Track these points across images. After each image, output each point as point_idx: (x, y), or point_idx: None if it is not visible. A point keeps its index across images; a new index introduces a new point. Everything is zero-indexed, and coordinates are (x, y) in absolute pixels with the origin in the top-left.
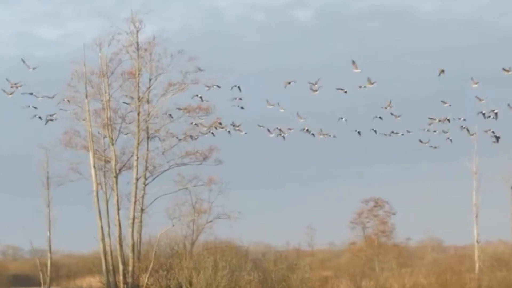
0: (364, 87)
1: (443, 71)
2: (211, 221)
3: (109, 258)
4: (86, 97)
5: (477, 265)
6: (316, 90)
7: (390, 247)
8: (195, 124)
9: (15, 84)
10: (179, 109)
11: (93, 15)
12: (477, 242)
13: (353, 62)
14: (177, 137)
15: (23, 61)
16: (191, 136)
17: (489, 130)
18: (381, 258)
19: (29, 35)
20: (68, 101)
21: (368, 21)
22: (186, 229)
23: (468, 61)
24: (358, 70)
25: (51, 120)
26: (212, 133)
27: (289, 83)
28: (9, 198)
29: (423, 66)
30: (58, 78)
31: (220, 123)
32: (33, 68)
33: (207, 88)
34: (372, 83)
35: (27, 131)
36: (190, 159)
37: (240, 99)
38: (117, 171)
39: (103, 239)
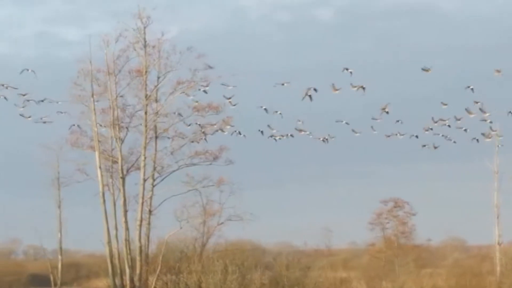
0: (357, 88)
1: (427, 69)
2: (222, 223)
3: (116, 261)
4: (92, 95)
5: (498, 268)
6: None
7: (410, 248)
8: (189, 125)
9: (3, 85)
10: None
11: (116, 16)
12: (498, 244)
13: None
14: (182, 137)
15: (26, 69)
16: (196, 140)
17: (493, 131)
18: (400, 260)
19: (52, 35)
20: (58, 102)
21: (389, 20)
22: (195, 232)
23: (489, 60)
24: (351, 70)
25: (45, 122)
26: (205, 139)
27: (283, 84)
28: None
29: (441, 65)
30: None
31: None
32: (32, 70)
33: (200, 90)
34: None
35: (24, 130)
36: (199, 159)
37: (230, 98)
38: (124, 172)
39: (109, 242)
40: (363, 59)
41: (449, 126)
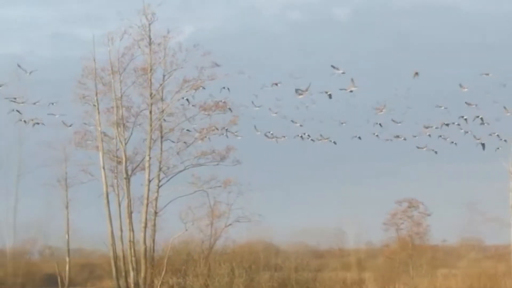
0: (350, 90)
1: (417, 73)
2: (230, 225)
3: (121, 264)
4: (96, 94)
5: None
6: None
7: (425, 248)
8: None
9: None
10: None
11: (132, 15)
12: None
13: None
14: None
15: (19, 66)
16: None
17: (494, 133)
18: (415, 261)
19: (66, 36)
20: (52, 103)
21: (408, 18)
22: (202, 234)
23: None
24: (341, 71)
25: (38, 123)
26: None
27: (276, 84)
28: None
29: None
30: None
31: (217, 128)
32: (30, 72)
33: (193, 91)
34: (355, 87)
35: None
36: (206, 159)
37: (224, 102)
38: (129, 173)
39: (113, 243)
40: (378, 58)
41: (462, 129)
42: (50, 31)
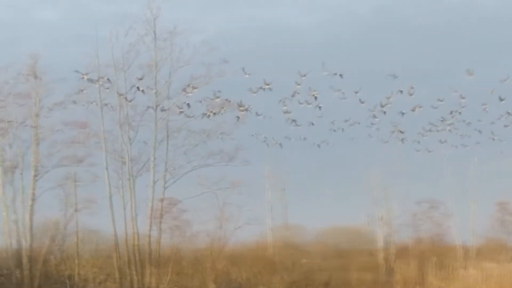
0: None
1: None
2: (239, 227)
3: (125, 268)
4: (99, 92)
5: None
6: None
7: (447, 249)
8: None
9: None
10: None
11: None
12: None
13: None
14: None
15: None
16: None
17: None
18: (436, 262)
19: (89, 36)
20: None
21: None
22: (210, 236)
23: None
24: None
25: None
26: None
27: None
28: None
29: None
30: None
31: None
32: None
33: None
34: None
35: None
36: (214, 159)
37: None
38: (134, 173)
39: (116, 246)
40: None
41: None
42: (75, 31)
